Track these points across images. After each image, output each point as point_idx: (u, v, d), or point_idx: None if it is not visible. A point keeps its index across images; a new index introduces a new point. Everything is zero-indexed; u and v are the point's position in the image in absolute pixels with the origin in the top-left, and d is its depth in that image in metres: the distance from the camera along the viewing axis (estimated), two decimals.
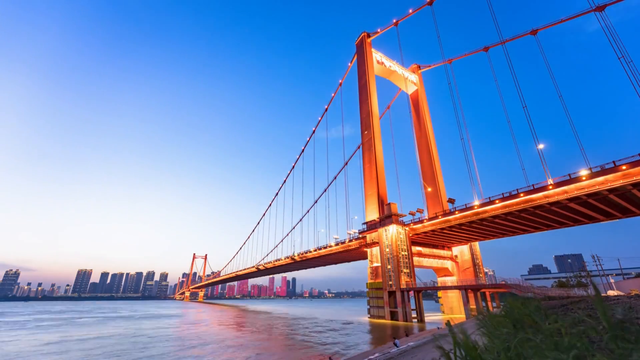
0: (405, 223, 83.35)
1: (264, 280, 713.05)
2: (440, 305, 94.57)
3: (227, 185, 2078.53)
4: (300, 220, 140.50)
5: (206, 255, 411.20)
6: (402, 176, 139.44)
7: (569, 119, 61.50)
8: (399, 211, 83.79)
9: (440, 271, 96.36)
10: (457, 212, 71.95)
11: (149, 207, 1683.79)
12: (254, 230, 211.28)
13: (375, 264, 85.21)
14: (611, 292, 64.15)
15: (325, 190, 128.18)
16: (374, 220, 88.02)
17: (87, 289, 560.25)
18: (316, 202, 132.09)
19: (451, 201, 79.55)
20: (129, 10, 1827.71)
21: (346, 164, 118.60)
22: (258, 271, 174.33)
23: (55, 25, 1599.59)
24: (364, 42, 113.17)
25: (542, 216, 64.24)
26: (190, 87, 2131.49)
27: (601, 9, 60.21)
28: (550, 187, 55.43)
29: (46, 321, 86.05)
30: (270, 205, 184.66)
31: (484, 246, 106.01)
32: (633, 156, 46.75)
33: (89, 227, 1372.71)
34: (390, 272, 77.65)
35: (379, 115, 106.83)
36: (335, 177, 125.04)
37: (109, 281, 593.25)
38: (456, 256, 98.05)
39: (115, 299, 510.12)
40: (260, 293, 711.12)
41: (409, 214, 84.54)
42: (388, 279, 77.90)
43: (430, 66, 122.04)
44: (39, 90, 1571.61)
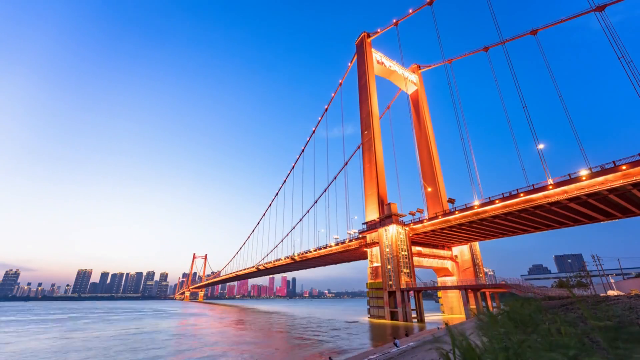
0: (405, 223, 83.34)
1: (264, 280, 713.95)
2: (440, 305, 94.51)
3: (227, 186, 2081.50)
4: (300, 220, 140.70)
5: (206, 255, 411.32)
6: (402, 176, 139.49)
7: (569, 119, 61.55)
8: (399, 211, 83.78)
9: (440, 271, 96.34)
10: (457, 212, 71.96)
11: (149, 207, 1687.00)
12: (254, 230, 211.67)
13: (375, 264, 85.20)
14: (611, 292, 64.20)
15: (325, 190, 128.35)
16: (374, 220, 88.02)
17: (87, 289, 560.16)
18: (316, 202, 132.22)
19: (451, 201, 79.54)
20: (127, 11, 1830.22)
21: (346, 164, 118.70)
22: (258, 271, 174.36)
23: (53, 28, 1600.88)
24: (364, 42, 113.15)
25: (542, 216, 64.23)
26: (191, 88, 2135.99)
27: (601, 9, 60.19)
28: (550, 187, 55.43)
29: (89, 318, 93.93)
30: (270, 205, 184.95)
31: (484, 246, 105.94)
32: (633, 156, 46.77)
33: (89, 227, 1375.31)
34: (390, 272, 77.65)
35: (379, 115, 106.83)
36: (335, 177, 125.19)
37: (109, 281, 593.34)
38: (456, 256, 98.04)
39: (115, 299, 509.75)
40: (260, 293, 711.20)
41: (409, 214, 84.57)
42: (388, 279, 77.89)
43: (430, 66, 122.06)
44: (39, 91, 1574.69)
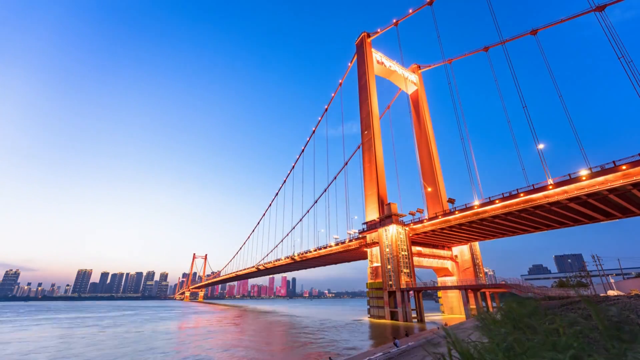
0: (405, 223, 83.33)
1: (264, 280, 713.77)
2: (440, 305, 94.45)
3: (227, 186, 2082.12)
4: (300, 220, 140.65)
5: (206, 255, 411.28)
6: (402, 176, 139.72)
7: (569, 119, 61.53)
8: (399, 211, 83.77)
9: (440, 271, 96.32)
10: (457, 212, 71.95)
11: (149, 207, 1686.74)
12: (254, 230, 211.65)
13: (375, 264, 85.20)
14: (611, 292, 64.24)
15: (325, 190, 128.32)
16: (374, 220, 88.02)
17: (87, 289, 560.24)
18: (316, 202, 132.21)
19: (451, 201, 79.54)
20: (125, 14, 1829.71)
21: (346, 164, 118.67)
22: (258, 271, 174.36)
23: (52, 29, 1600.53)
24: (364, 42, 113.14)
25: (542, 216, 64.23)
26: (192, 90, 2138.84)
27: (601, 9, 60.19)
28: (550, 187, 55.44)
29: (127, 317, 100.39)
30: (271, 205, 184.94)
31: (484, 246, 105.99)
32: (633, 156, 46.78)
33: (90, 227, 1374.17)
34: (390, 272, 77.64)
35: (379, 115, 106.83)
36: (335, 177, 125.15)
37: (109, 281, 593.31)
38: (456, 256, 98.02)
39: (115, 299, 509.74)
40: (261, 293, 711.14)
41: (409, 214, 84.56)
42: (388, 279, 77.89)
43: (430, 66, 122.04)
44: (38, 94, 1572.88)
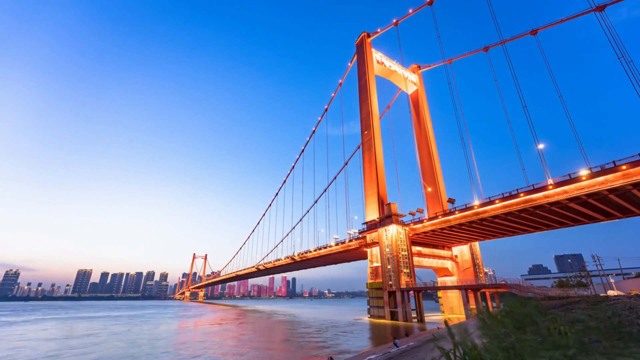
0: (405, 223, 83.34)
1: (264, 280, 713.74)
2: (440, 305, 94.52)
3: (227, 186, 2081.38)
4: (300, 220, 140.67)
5: (206, 255, 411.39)
6: (402, 176, 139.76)
7: (569, 119, 61.55)
8: (399, 211, 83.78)
9: (440, 271, 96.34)
10: (457, 212, 71.96)
11: (149, 207, 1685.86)
12: (254, 230, 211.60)
13: (375, 264, 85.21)
14: (611, 292, 64.26)
15: (325, 190, 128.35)
16: (374, 220, 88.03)
17: (87, 289, 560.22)
18: (316, 202, 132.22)
19: (451, 201, 79.55)
20: (123, 15, 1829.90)
21: (346, 164, 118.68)
22: (258, 271, 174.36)
23: (50, 30, 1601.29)
24: (364, 42, 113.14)
25: (542, 216, 64.24)
26: (193, 88, 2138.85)
27: (601, 9, 60.20)
28: (550, 187, 55.45)
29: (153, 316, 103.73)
30: (271, 205, 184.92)
31: (484, 246, 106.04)
32: (633, 156, 46.80)
33: (89, 228, 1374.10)
34: (390, 272, 77.66)
35: (379, 115, 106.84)
36: (335, 177, 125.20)
37: (109, 281, 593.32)
38: (456, 256, 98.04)
39: (115, 299, 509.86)
40: (261, 293, 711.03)
41: (409, 214, 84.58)
42: (388, 279, 77.90)
43: (430, 66, 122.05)
44: (37, 97, 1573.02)
